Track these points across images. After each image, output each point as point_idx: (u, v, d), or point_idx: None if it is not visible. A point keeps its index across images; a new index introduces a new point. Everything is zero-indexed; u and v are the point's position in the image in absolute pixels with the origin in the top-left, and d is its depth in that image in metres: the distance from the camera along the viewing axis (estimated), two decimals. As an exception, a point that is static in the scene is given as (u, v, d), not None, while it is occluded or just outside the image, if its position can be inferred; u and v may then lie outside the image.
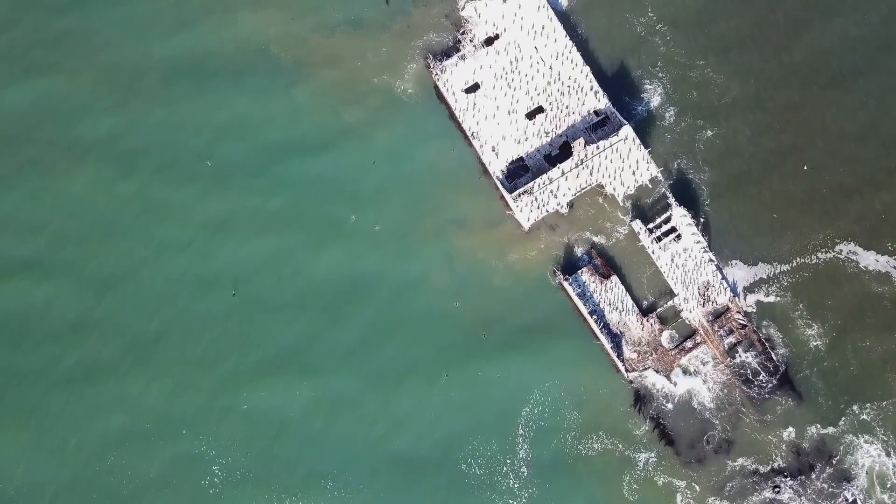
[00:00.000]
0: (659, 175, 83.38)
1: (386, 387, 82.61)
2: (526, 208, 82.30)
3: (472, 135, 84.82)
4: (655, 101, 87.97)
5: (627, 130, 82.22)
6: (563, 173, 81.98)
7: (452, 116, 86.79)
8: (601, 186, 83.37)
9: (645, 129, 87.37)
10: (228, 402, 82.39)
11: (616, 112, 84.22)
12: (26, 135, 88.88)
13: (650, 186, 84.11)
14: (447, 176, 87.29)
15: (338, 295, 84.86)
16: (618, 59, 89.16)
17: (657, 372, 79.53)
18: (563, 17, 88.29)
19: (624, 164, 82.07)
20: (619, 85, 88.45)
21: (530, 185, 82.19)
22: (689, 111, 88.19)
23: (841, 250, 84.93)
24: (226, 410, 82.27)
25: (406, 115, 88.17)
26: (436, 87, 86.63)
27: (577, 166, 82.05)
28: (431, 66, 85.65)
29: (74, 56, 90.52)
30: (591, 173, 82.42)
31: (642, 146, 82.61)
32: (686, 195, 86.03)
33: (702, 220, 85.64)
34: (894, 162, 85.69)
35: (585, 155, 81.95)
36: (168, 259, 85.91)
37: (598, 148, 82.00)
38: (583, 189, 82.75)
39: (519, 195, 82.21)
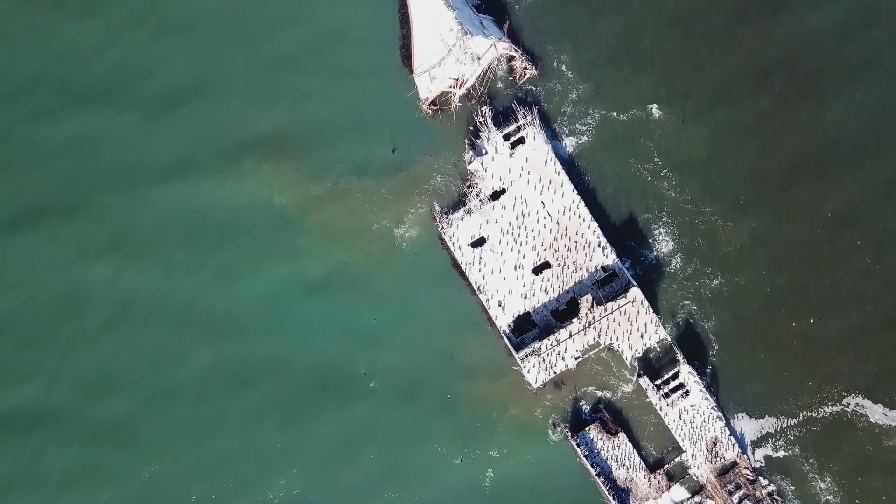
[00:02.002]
0: (668, 337, 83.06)
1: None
2: (533, 370, 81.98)
3: (479, 288, 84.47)
4: (662, 247, 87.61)
5: (636, 293, 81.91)
6: (570, 335, 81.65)
7: (456, 264, 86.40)
8: (609, 346, 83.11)
9: (651, 276, 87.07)
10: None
11: (624, 269, 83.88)
12: (17, 281, 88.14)
13: (658, 349, 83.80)
14: (451, 325, 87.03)
15: (338, 445, 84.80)
16: (624, 203, 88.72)
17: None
18: (568, 163, 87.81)
19: (632, 327, 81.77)
20: (625, 230, 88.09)
21: (538, 345, 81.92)
22: (695, 258, 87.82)
23: (848, 403, 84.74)
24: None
25: (409, 263, 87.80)
26: (440, 235, 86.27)
27: (584, 328, 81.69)
28: (437, 219, 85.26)
29: (66, 199, 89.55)
30: (598, 335, 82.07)
31: (651, 308, 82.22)
32: (693, 344, 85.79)
33: (709, 370, 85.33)
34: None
35: (593, 317, 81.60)
36: (162, 404, 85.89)
37: (605, 310, 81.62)
38: (591, 350, 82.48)
39: (526, 356, 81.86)
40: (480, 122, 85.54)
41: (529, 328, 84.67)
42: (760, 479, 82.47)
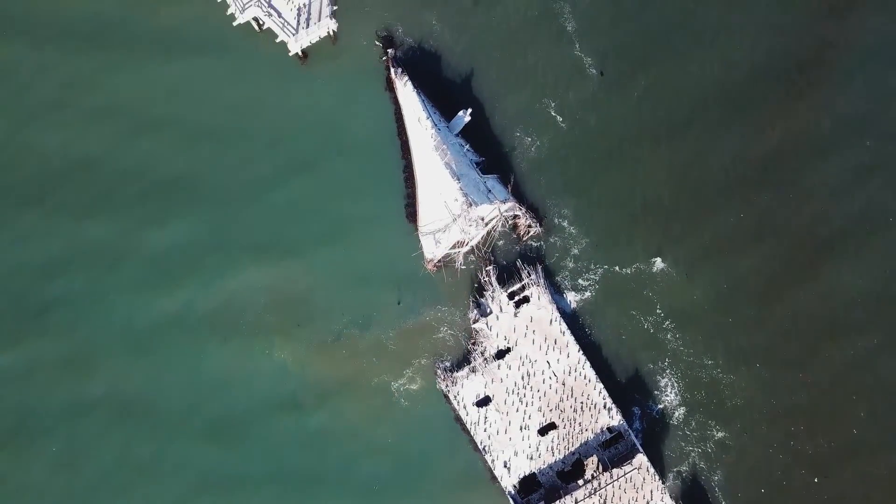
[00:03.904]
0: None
1: None
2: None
3: (484, 448, 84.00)
4: (665, 399, 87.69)
5: (642, 459, 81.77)
6: (576, 502, 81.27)
7: (458, 419, 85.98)
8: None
9: (656, 429, 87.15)
10: None
11: (630, 432, 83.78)
12: (6, 403, 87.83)
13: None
14: (455, 481, 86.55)
15: None
16: (628, 356, 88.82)
17: None
18: (571, 318, 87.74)
19: (638, 494, 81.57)
20: (629, 382, 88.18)
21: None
22: (699, 411, 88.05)
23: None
24: None
25: (410, 416, 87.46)
26: (444, 392, 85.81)
27: (590, 495, 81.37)
28: (442, 376, 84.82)
29: (58, 324, 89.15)
30: (604, 502, 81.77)
31: (657, 476, 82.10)
32: (699, 499, 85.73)
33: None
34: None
35: (599, 483, 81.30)
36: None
37: (611, 476, 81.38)
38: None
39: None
40: (485, 281, 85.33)
41: (535, 489, 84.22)
42: None
